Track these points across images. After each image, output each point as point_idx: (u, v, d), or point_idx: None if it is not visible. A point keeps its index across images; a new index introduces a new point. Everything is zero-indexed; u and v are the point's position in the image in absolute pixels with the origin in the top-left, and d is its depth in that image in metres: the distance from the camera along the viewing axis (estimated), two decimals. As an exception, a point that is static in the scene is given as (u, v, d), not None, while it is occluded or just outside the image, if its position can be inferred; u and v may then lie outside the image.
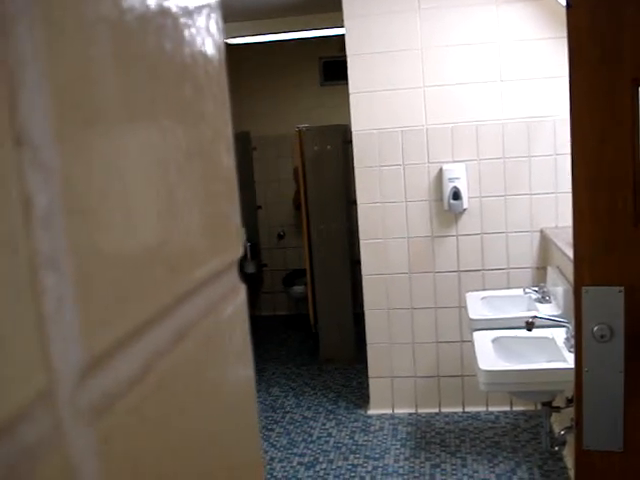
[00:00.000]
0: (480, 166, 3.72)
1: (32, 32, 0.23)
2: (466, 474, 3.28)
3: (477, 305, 3.31)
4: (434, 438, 3.68)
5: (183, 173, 0.34)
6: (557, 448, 2.65)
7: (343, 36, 3.77)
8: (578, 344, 1.36)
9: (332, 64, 5.94)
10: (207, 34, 0.38)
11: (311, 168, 4.88)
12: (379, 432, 3.82)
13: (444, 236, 3.81)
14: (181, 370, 0.33)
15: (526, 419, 3.78)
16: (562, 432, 2.54)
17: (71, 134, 0.25)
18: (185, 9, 0.35)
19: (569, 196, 1.36)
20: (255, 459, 0.43)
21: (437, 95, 3.68)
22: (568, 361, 2.47)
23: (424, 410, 3.98)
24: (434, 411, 3.97)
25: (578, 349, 1.36)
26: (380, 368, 3.98)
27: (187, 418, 0.34)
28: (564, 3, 1.31)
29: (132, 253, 0.29)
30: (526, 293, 3.36)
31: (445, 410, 3.96)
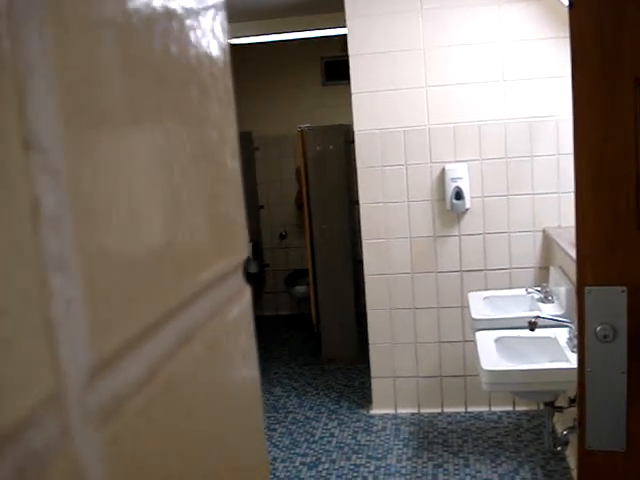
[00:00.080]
0: (482, 166, 3.72)
1: (40, 36, 0.23)
2: (469, 474, 3.27)
3: (479, 305, 3.31)
4: (437, 438, 3.68)
5: (189, 175, 0.34)
6: (560, 448, 2.65)
7: (345, 36, 3.76)
8: (581, 344, 1.36)
9: (334, 64, 5.94)
10: (213, 36, 0.38)
11: (313, 168, 4.88)
12: (381, 432, 3.81)
13: (446, 236, 3.81)
14: (188, 372, 0.33)
15: (529, 419, 3.77)
16: (565, 432, 2.54)
17: (79, 137, 0.25)
18: (191, 11, 0.35)
19: (571, 196, 1.35)
20: (261, 460, 0.43)
21: (439, 95, 3.68)
22: (571, 361, 2.47)
23: (426, 410, 3.98)
24: (437, 411, 3.97)
25: (581, 349, 1.36)
26: (382, 368, 3.98)
27: (193, 419, 0.34)
28: (566, 3, 1.31)
29: (139, 255, 0.29)
30: (529, 293, 3.36)
31: (447, 410, 3.96)
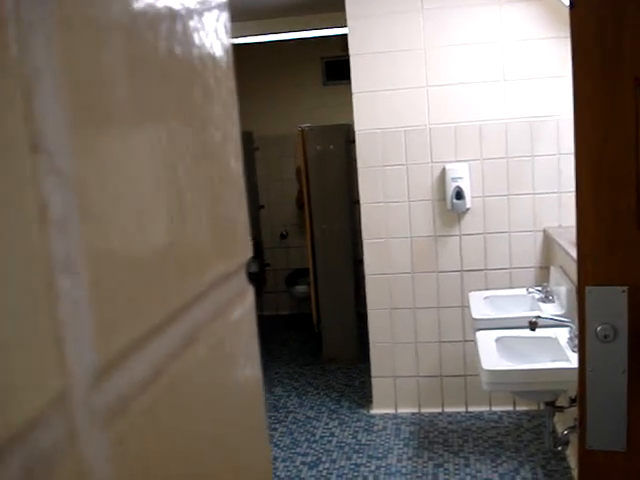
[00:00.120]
0: (483, 166, 3.72)
1: (46, 39, 0.23)
2: (469, 474, 3.28)
3: (480, 305, 3.31)
4: (437, 438, 3.68)
5: (193, 176, 0.35)
6: (560, 448, 2.65)
7: (345, 36, 3.77)
8: (581, 344, 1.36)
9: (334, 64, 5.94)
10: (216, 37, 0.38)
11: (314, 168, 4.88)
12: (382, 432, 3.82)
13: (447, 236, 3.81)
14: (192, 372, 0.33)
15: (529, 419, 3.77)
16: (565, 432, 2.54)
17: (85, 139, 0.25)
18: (194, 12, 0.36)
19: (572, 196, 1.35)
20: (263, 460, 0.44)
21: (440, 95, 3.68)
22: (571, 361, 2.47)
23: (427, 410, 3.98)
24: (437, 411, 3.97)
25: (581, 349, 1.36)
26: (383, 368, 3.98)
27: (197, 419, 0.34)
28: (567, 3, 1.31)
29: (144, 257, 0.29)
30: (529, 293, 3.36)
31: (448, 410, 3.96)
